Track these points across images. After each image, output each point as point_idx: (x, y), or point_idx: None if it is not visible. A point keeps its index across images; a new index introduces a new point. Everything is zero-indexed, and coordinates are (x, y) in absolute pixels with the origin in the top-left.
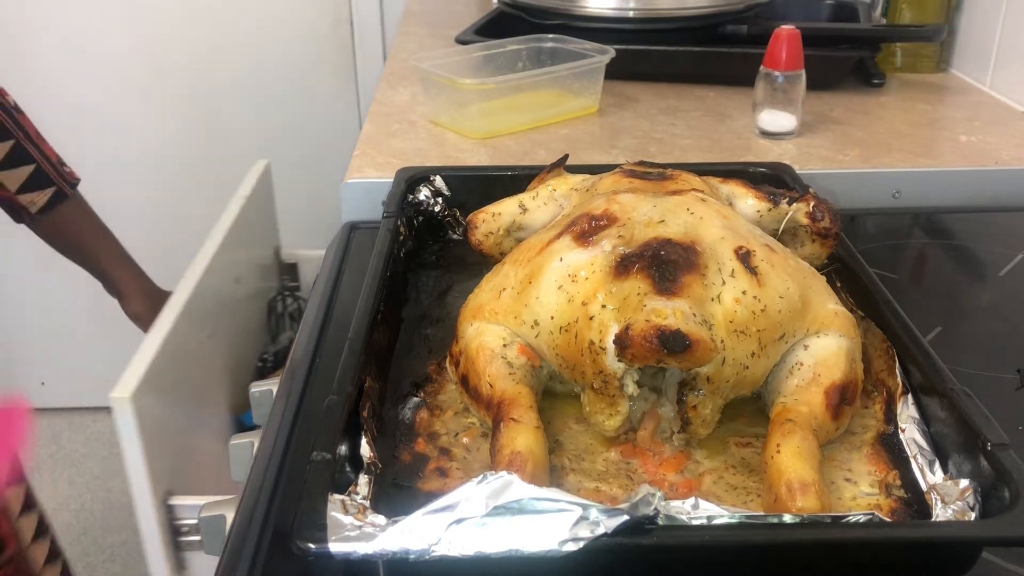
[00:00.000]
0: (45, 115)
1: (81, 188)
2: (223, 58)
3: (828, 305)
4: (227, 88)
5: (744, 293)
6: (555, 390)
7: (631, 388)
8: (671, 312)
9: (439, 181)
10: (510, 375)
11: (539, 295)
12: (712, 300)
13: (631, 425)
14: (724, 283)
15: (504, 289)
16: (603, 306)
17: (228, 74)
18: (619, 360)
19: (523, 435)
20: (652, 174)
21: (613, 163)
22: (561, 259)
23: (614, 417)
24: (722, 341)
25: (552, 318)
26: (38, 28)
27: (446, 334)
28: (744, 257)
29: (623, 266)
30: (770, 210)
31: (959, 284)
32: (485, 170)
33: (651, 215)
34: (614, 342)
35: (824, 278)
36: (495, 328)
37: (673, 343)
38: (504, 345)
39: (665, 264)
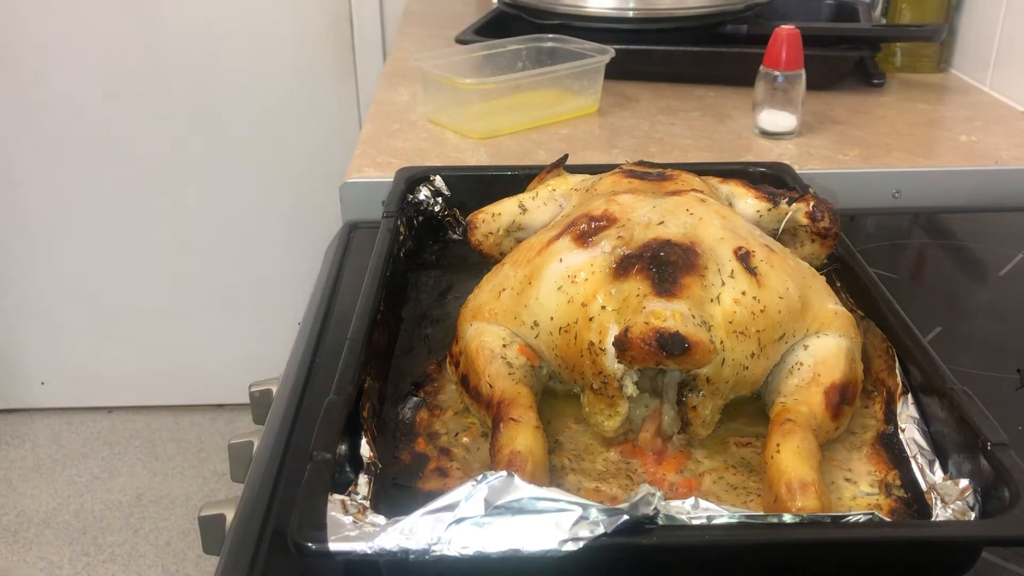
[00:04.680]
0: (44, 116)
1: (82, 187)
2: (222, 58)
3: (828, 305)
4: (227, 87)
5: (743, 294)
6: (555, 390)
7: (630, 389)
8: (670, 314)
9: (439, 181)
10: (510, 375)
11: (539, 296)
12: (711, 301)
13: (630, 425)
14: (723, 284)
15: (504, 289)
16: (603, 307)
17: (227, 74)
18: (619, 362)
19: (523, 435)
20: (652, 174)
21: (613, 163)
22: (561, 260)
23: (613, 418)
24: (721, 342)
25: (552, 319)
26: (38, 28)
27: (446, 334)
28: (744, 258)
29: (623, 267)
30: (770, 210)
31: (959, 284)
32: (485, 170)
33: (651, 216)
34: (613, 344)
35: (824, 278)
36: (495, 328)
37: (672, 345)
38: (504, 345)
39: (664, 265)
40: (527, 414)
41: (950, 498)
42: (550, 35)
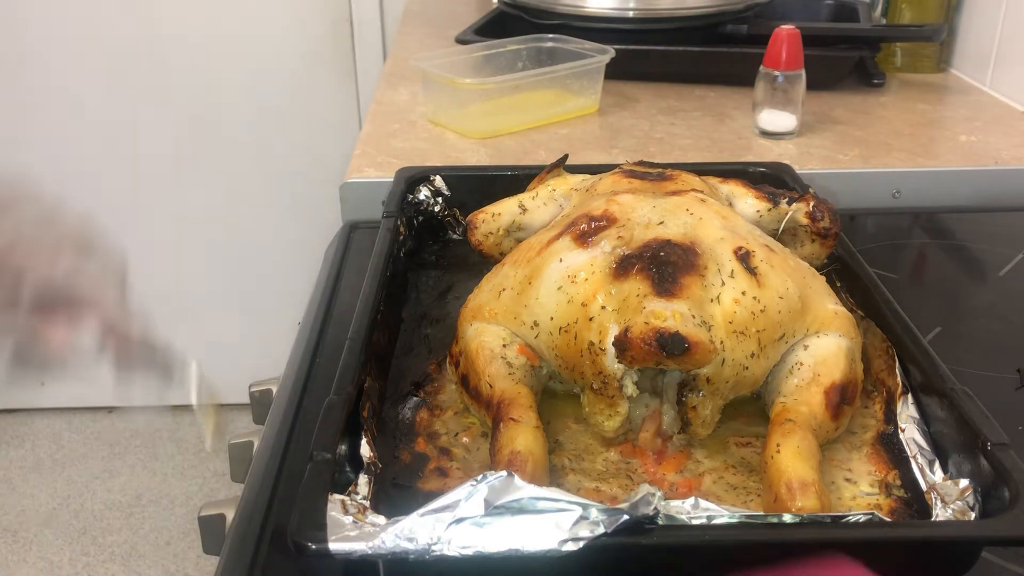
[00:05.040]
0: (46, 117)
1: (82, 187)
2: (223, 58)
3: (828, 305)
4: (227, 88)
5: (744, 294)
6: (555, 390)
7: (630, 389)
8: (670, 314)
9: (439, 181)
10: (510, 375)
11: (539, 296)
12: (711, 301)
13: (630, 425)
14: (723, 284)
15: (504, 289)
16: (602, 307)
17: (228, 74)
18: (618, 362)
19: (522, 435)
20: (652, 174)
21: (613, 163)
22: (561, 260)
23: (613, 418)
24: (721, 342)
25: (552, 319)
26: (40, 30)
27: (446, 334)
28: (744, 258)
29: (623, 267)
30: (770, 210)
31: (959, 284)
32: (485, 170)
33: (650, 216)
34: (613, 344)
35: (824, 278)
36: (495, 328)
37: (672, 345)
38: (504, 345)
39: (664, 265)
40: (527, 414)
41: (950, 498)
42: (550, 35)
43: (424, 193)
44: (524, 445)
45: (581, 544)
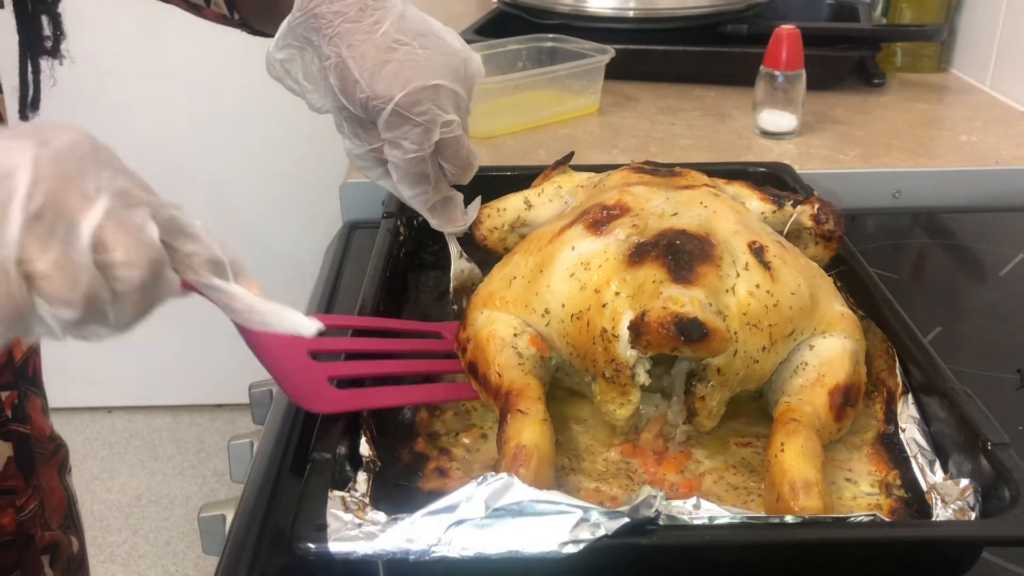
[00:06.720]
0: (44, 115)
1: None
2: (223, 57)
3: (835, 306)
4: (227, 87)
5: (758, 287)
6: (556, 392)
7: (643, 377)
8: (688, 300)
9: None
10: (519, 365)
11: (550, 283)
12: (727, 292)
13: (636, 422)
14: (738, 276)
15: (515, 278)
16: (616, 293)
17: (228, 73)
18: (633, 347)
19: (529, 428)
20: (661, 171)
21: (614, 163)
22: (573, 248)
23: (625, 406)
24: (735, 333)
25: (563, 306)
26: None
27: None
28: (758, 252)
29: (638, 254)
30: (774, 212)
31: (959, 284)
32: (485, 170)
33: (664, 207)
34: (629, 328)
35: (831, 279)
36: (506, 317)
37: (691, 331)
38: (515, 335)
39: (680, 253)
40: (535, 406)
41: (950, 498)
42: (550, 35)
43: None
44: (530, 439)
45: (581, 546)
